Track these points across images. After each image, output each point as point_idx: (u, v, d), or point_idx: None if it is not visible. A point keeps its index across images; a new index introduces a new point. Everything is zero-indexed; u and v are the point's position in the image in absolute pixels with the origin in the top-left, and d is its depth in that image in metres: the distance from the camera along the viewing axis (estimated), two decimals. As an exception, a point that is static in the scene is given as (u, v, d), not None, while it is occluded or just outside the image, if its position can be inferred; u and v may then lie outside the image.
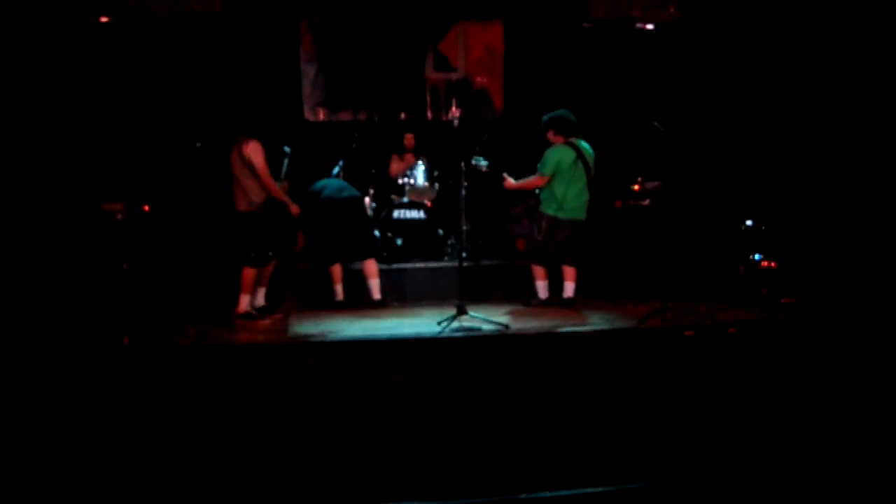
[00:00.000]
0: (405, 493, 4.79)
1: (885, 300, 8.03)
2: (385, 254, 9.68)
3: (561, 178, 8.35)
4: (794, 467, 5.08)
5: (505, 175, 8.62)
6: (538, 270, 8.60)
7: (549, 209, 8.44)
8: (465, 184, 7.96)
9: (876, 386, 6.16)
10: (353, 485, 4.95)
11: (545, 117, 8.57)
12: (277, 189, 7.85)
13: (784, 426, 5.72)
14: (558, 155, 8.38)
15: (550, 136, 8.52)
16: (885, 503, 4.65)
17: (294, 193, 8.38)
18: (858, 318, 7.44)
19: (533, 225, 8.51)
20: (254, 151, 7.69)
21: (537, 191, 8.60)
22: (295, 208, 8.05)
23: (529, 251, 8.63)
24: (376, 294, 8.73)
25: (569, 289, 8.51)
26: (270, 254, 7.99)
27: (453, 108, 9.51)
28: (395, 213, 9.84)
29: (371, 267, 8.74)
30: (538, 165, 8.46)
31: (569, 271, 8.53)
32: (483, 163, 8.45)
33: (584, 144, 8.49)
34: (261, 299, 8.22)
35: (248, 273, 7.87)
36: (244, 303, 7.91)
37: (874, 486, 4.77)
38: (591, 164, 8.47)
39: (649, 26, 10.68)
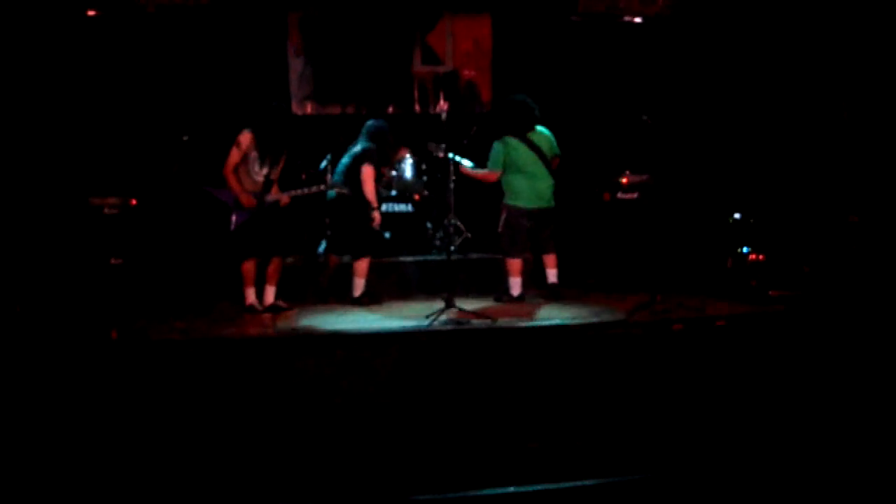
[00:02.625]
0: (393, 486, 4.79)
1: (873, 293, 8.05)
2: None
3: (513, 169, 8.38)
4: (784, 460, 5.09)
5: (459, 161, 8.50)
6: (513, 265, 8.54)
7: (510, 200, 8.49)
8: (454, 177, 7.96)
9: (865, 378, 6.18)
10: (341, 478, 4.95)
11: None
12: (230, 177, 7.75)
13: (773, 419, 5.73)
14: (501, 149, 8.42)
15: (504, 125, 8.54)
16: (878, 497, 4.65)
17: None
18: (847, 310, 7.46)
19: (500, 218, 8.56)
20: (238, 138, 7.76)
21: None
22: (245, 198, 7.79)
23: (501, 246, 8.63)
24: (357, 291, 8.60)
25: (551, 275, 8.55)
26: (265, 247, 7.92)
27: (441, 102, 9.54)
28: (383, 207, 9.81)
29: (360, 265, 8.57)
30: (488, 161, 8.51)
31: (549, 259, 8.57)
32: (440, 149, 8.38)
33: (541, 130, 8.48)
34: (270, 297, 8.08)
35: (246, 266, 7.88)
36: (248, 296, 7.93)
37: (866, 478, 4.78)
38: (549, 148, 8.46)
39: (637, 20, 10.68)
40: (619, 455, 5.26)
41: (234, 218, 7.80)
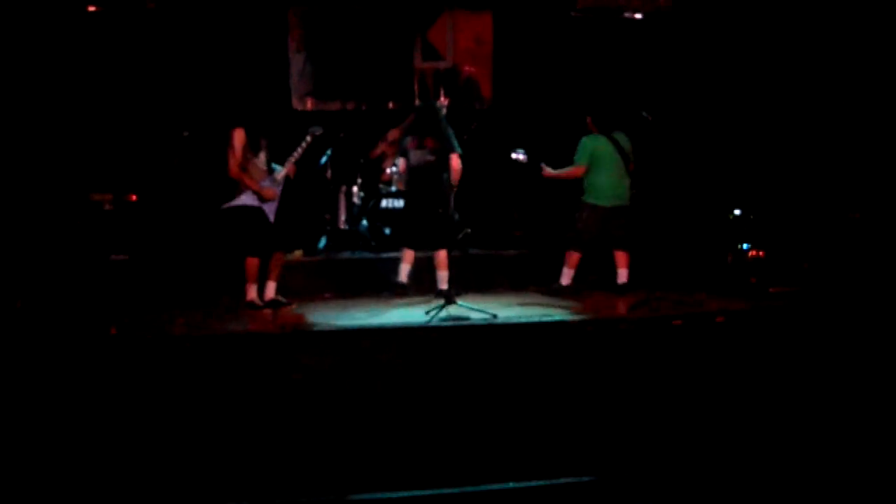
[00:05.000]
0: (392, 482, 4.79)
1: (874, 289, 8.05)
2: (373, 243, 9.68)
3: (597, 166, 8.41)
4: (784, 458, 5.09)
5: (543, 165, 8.54)
6: (572, 257, 8.56)
7: (588, 198, 8.51)
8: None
9: (865, 375, 6.18)
10: (342, 473, 4.95)
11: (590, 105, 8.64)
12: (243, 176, 7.65)
13: (772, 416, 5.73)
14: (592, 144, 8.45)
15: (589, 123, 8.58)
16: (878, 497, 4.65)
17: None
18: (847, 307, 7.46)
19: (576, 214, 8.59)
20: (233, 137, 7.65)
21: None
22: (267, 192, 7.73)
23: (568, 237, 8.64)
24: (442, 284, 8.43)
25: (622, 275, 8.49)
26: (272, 244, 7.90)
27: (442, 98, 9.51)
28: (383, 203, 9.82)
29: (440, 257, 8.49)
30: (574, 157, 8.51)
31: (621, 257, 8.52)
32: (522, 155, 8.43)
33: (622, 136, 8.56)
34: (270, 292, 7.99)
35: (250, 262, 7.82)
36: (249, 292, 7.86)
37: (864, 477, 4.78)
38: (629, 153, 8.51)
39: (638, 16, 10.69)
40: (616, 451, 5.26)
41: (267, 210, 7.80)
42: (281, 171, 7.85)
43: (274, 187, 7.79)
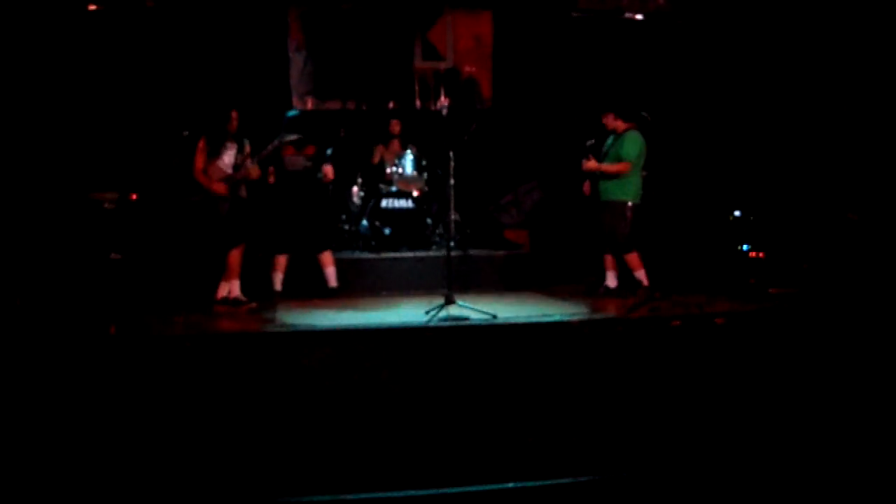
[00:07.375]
0: (392, 482, 4.79)
1: (872, 290, 8.06)
2: (373, 243, 9.67)
3: (639, 165, 8.25)
4: (782, 459, 5.09)
5: (590, 155, 8.35)
6: (638, 257, 8.30)
7: (626, 197, 8.25)
8: (453, 173, 7.95)
9: (864, 376, 6.18)
10: (340, 474, 4.95)
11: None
12: (205, 180, 7.87)
13: (771, 417, 5.73)
14: (641, 141, 8.25)
15: (616, 121, 8.36)
16: (878, 497, 4.65)
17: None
18: (846, 308, 7.46)
19: (617, 219, 8.31)
20: (197, 146, 7.97)
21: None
22: (217, 187, 7.87)
23: (619, 243, 8.36)
24: (332, 282, 8.67)
25: (643, 276, 8.35)
26: (253, 237, 7.97)
27: (442, 98, 9.51)
28: (383, 203, 9.81)
29: (326, 257, 8.66)
30: (623, 152, 8.20)
31: (634, 259, 8.39)
32: (591, 140, 8.36)
33: None
34: (235, 290, 8.04)
35: (235, 255, 7.89)
36: (235, 288, 7.91)
37: (863, 477, 4.78)
38: None
39: (638, 17, 10.69)
40: (616, 451, 5.26)
41: (223, 207, 7.90)
42: (241, 171, 7.93)
43: (224, 183, 7.94)
